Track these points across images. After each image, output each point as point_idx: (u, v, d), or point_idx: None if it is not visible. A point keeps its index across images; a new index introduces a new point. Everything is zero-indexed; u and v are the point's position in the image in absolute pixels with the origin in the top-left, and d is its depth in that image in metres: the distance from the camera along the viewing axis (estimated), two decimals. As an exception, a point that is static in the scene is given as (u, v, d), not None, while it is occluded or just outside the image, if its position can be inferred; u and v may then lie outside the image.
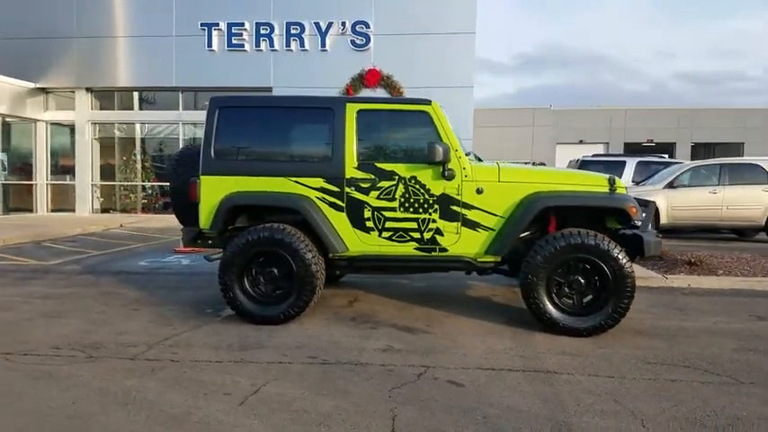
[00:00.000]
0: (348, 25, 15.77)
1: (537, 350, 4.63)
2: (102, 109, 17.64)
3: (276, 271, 5.31)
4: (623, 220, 5.31)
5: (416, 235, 5.28)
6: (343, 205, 5.30)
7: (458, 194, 5.23)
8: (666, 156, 20.18)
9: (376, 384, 3.87)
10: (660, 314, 5.81)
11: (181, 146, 17.18)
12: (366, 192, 5.28)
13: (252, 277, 5.33)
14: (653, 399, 3.67)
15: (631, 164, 14.60)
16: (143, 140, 17.74)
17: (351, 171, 5.29)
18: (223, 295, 5.34)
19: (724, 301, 6.45)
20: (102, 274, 7.81)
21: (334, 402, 3.57)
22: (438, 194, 5.23)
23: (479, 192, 5.22)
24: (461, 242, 5.26)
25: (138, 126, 17.55)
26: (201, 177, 5.42)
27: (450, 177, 5.18)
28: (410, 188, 5.25)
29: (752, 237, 12.66)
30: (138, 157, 17.48)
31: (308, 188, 5.32)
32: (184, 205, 5.83)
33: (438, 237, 5.27)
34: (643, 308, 5.97)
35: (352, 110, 5.34)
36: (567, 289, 5.03)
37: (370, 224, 5.30)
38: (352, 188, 5.29)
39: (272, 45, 16.16)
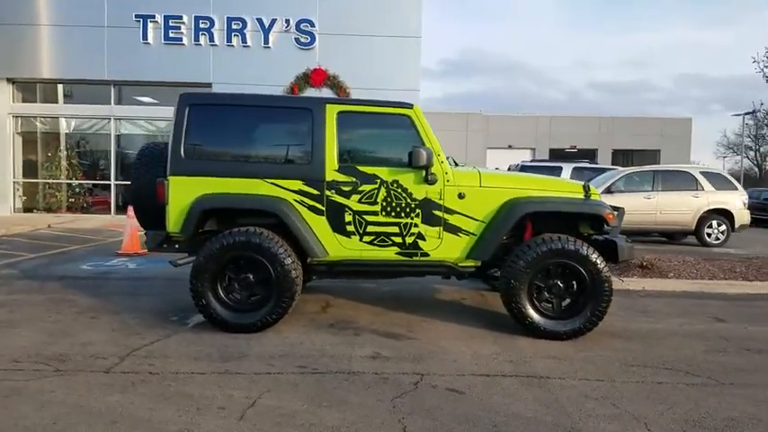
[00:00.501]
0: (292, 23, 15.49)
1: (523, 354, 4.66)
2: (24, 102, 16.50)
3: (251, 277, 5.09)
4: (597, 226, 5.45)
5: (398, 239, 5.22)
6: (323, 209, 5.16)
7: (440, 199, 5.20)
8: (587, 161, 21.03)
9: (376, 394, 3.78)
10: (627, 317, 6.01)
11: (113, 143, 16.35)
12: (347, 195, 5.16)
13: (226, 283, 5.10)
14: (647, 401, 3.78)
15: (568, 169, 15.11)
16: (70, 135, 16.74)
17: (331, 174, 5.15)
18: (195, 302, 5.07)
19: (681, 303, 6.74)
20: (46, 280, 7.26)
21: (339, 415, 3.45)
22: (420, 199, 5.19)
23: (461, 197, 5.21)
24: (443, 247, 5.24)
25: (63, 120, 16.54)
26: (170, 178, 5.13)
27: (433, 182, 5.15)
28: (392, 192, 5.17)
29: (680, 240, 13.38)
30: (64, 154, 16.47)
31: (285, 190, 5.14)
32: (147, 207, 5.52)
33: (420, 241, 5.22)
34: (610, 310, 6.14)
35: (332, 111, 5.21)
36: (546, 293, 5.11)
37: (350, 228, 5.19)
38: (333, 191, 5.16)
39: (211, 40, 15.64)
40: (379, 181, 5.16)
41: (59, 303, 6.04)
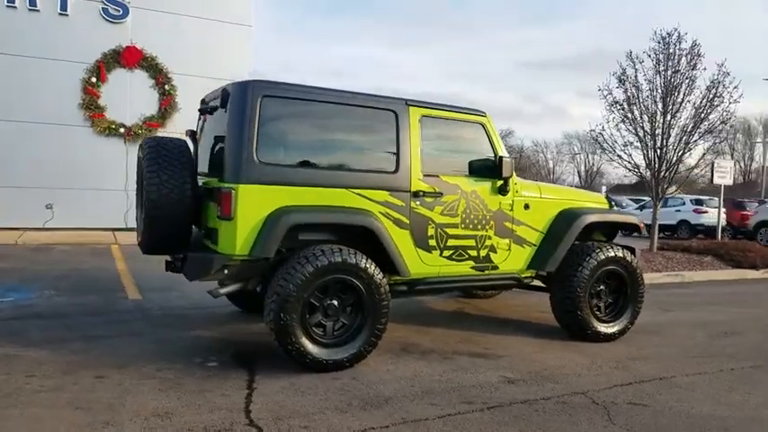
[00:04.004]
0: (97, -11, 13.00)
1: (617, 358, 4.90)
2: None
3: (336, 303, 4.34)
4: (611, 234, 5.96)
5: (474, 253, 4.98)
6: (408, 222, 4.65)
7: (511, 210, 5.12)
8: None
9: (587, 420, 3.63)
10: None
11: None
12: (431, 207, 4.74)
13: (310, 314, 4.25)
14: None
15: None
16: None
17: (417, 184, 4.68)
18: (281, 343, 4.11)
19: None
20: None
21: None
22: (495, 210, 5.04)
23: (527, 207, 5.22)
24: (510, 259, 5.17)
25: None
26: (241, 187, 4.07)
27: (507, 192, 5.05)
28: (471, 203, 4.92)
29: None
30: None
31: (372, 202, 4.50)
32: (170, 223, 4.30)
33: (492, 254, 5.07)
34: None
35: (415, 114, 4.73)
36: (596, 299, 5.42)
37: (432, 242, 4.78)
38: (418, 203, 4.69)
39: (-21, -3, 12.25)
40: (459, 191, 4.86)
41: (9, 361, 4.26)
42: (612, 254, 5.37)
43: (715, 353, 5.25)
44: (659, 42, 10.25)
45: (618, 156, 10.72)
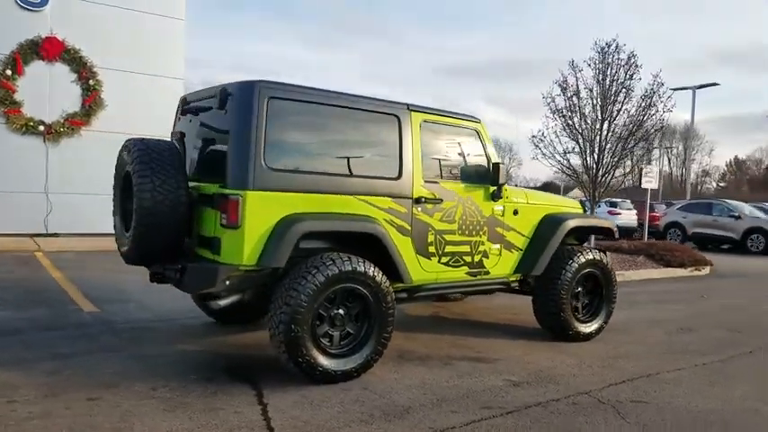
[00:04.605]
0: (8, -27, 11.94)
1: (600, 358, 5.08)
2: None
3: (342, 312, 4.22)
4: (584, 238, 6.17)
5: (468, 259, 5.00)
6: (410, 228, 4.60)
7: (502, 216, 5.19)
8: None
9: (602, 420, 3.73)
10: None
11: None
12: (431, 213, 4.72)
13: (318, 324, 4.10)
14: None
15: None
16: None
17: (419, 190, 4.63)
18: (288, 355, 3.93)
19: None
20: None
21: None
22: (488, 216, 5.09)
23: (515, 213, 5.30)
24: (500, 263, 5.24)
25: None
26: (249, 194, 3.87)
27: (499, 198, 5.11)
28: (467, 209, 4.94)
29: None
30: None
31: (376, 209, 4.41)
32: (164, 233, 4.04)
33: (484, 259, 5.11)
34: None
35: (416, 119, 4.69)
36: (576, 301, 5.60)
37: (432, 249, 4.75)
38: (419, 209, 4.64)
39: None
40: (457, 198, 4.87)
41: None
42: (591, 257, 5.57)
43: (681, 349, 5.56)
44: (598, 52, 10.78)
45: (558, 161, 11.18)
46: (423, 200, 4.65)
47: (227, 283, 3.99)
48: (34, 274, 8.11)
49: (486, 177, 5.02)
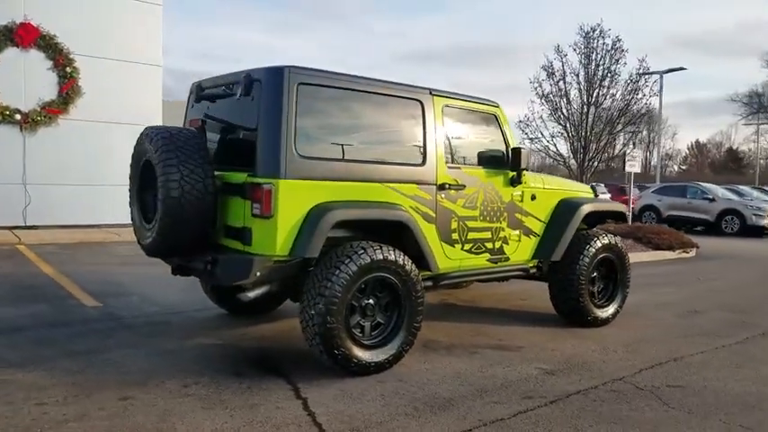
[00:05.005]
0: (-26, -48, 11.37)
1: (621, 342, 5.10)
2: None
3: (373, 302, 4.14)
4: (594, 223, 6.18)
5: (489, 245, 4.96)
6: (434, 216, 4.52)
7: (521, 202, 5.15)
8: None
9: (647, 407, 3.74)
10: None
11: None
12: (454, 200, 4.65)
13: (350, 315, 4.01)
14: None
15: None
16: None
17: (443, 176, 4.55)
18: (322, 347, 3.83)
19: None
20: None
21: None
22: (507, 202, 5.04)
23: (533, 198, 5.27)
24: (519, 249, 5.21)
25: None
26: (281, 182, 3.74)
27: (520, 184, 5.07)
28: (488, 195, 4.89)
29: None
30: None
31: (403, 196, 4.32)
32: (193, 224, 3.90)
33: (504, 246, 5.07)
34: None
35: (438, 103, 4.60)
36: (591, 286, 5.61)
37: (455, 236, 4.69)
38: (443, 196, 4.57)
39: None
40: (478, 183, 4.81)
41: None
42: (607, 241, 5.58)
43: (696, 332, 5.62)
44: (583, 37, 10.83)
45: (545, 146, 11.24)
46: (447, 186, 4.57)
47: (259, 274, 3.87)
48: (22, 268, 7.81)
49: (506, 162, 4.97)
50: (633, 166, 12.58)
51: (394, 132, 4.49)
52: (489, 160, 4.93)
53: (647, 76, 10.53)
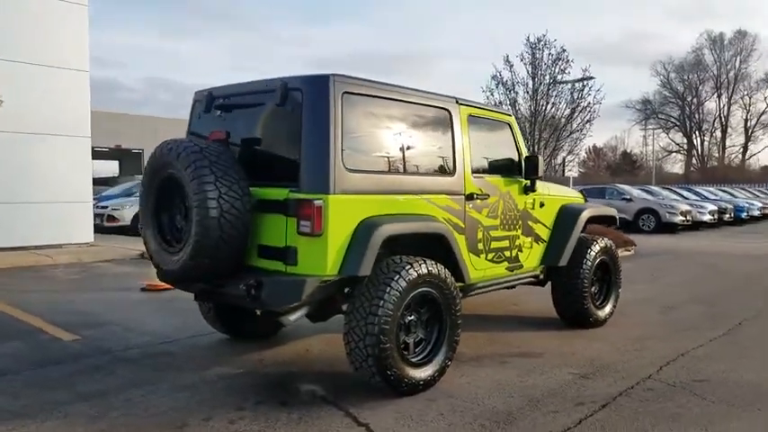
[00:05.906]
0: None
1: (629, 340, 5.25)
2: None
3: (414, 318, 4.02)
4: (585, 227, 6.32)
5: (508, 254, 4.96)
6: (464, 226, 4.47)
7: (533, 209, 5.20)
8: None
9: (688, 403, 3.86)
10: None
11: None
12: (480, 210, 4.62)
13: (402, 333, 3.87)
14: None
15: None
16: None
17: (470, 186, 4.51)
18: (375, 369, 3.66)
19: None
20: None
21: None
22: (521, 210, 5.08)
23: (542, 205, 5.34)
24: (531, 256, 5.25)
25: None
26: (331, 198, 3.55)
27: (532, 192, 5.12)
28: (507, 204, 4.90)
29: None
30: None
31: (437, 207, 4.24)
32: (231, 246, 3.63)
33: (519, 253, 5.10)
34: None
35: (464, 113, 4.56)
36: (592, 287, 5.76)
37: (480, 246, 4.65)
38: (470, 206, 4.53)
39: None
40: (498, 192, 4.81)
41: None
42: (604, 244, 5.75)
43: (685, 326, 5.91)
44: (529, 49, 11.22)
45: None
46: (474, 196, 4.54)
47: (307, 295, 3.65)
48: (-39, 301, 6.98)
49: (520, 170, 5.01)
50: (572, 171, 13.16)
51: (428, 142, 4.40)
52: (506, 168, 4.95)
53: (590, 84, 11.07)
